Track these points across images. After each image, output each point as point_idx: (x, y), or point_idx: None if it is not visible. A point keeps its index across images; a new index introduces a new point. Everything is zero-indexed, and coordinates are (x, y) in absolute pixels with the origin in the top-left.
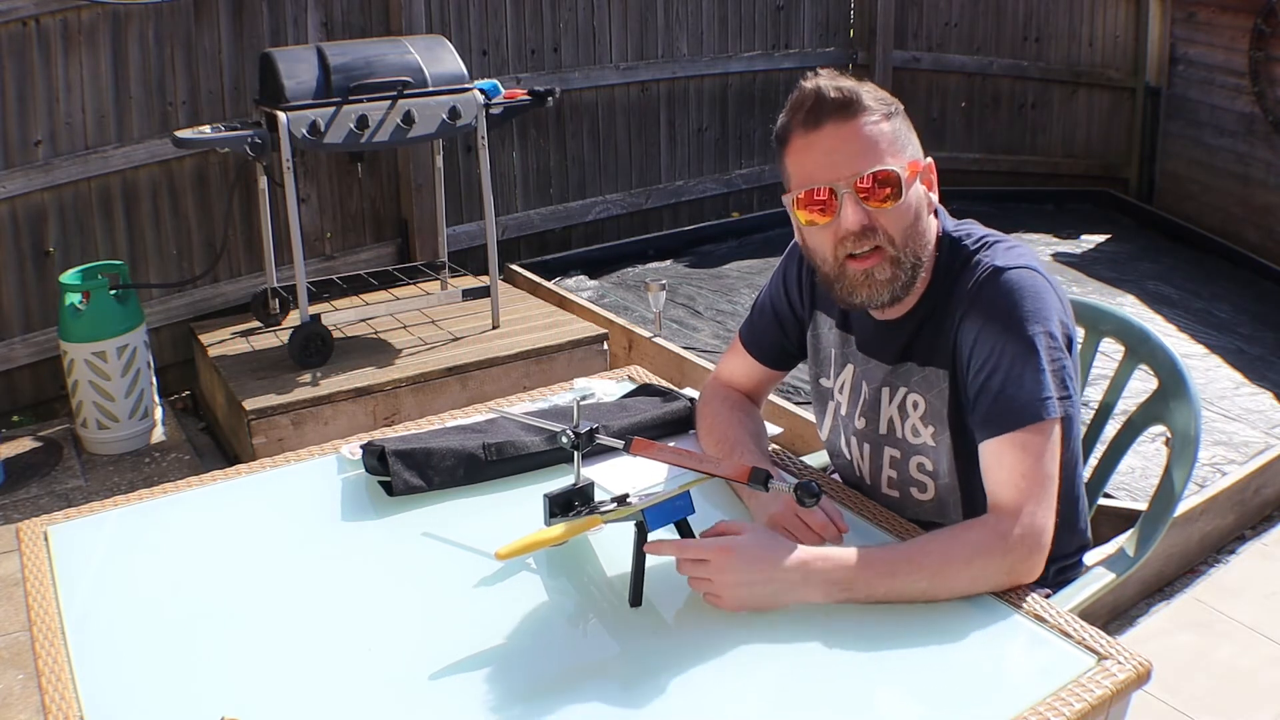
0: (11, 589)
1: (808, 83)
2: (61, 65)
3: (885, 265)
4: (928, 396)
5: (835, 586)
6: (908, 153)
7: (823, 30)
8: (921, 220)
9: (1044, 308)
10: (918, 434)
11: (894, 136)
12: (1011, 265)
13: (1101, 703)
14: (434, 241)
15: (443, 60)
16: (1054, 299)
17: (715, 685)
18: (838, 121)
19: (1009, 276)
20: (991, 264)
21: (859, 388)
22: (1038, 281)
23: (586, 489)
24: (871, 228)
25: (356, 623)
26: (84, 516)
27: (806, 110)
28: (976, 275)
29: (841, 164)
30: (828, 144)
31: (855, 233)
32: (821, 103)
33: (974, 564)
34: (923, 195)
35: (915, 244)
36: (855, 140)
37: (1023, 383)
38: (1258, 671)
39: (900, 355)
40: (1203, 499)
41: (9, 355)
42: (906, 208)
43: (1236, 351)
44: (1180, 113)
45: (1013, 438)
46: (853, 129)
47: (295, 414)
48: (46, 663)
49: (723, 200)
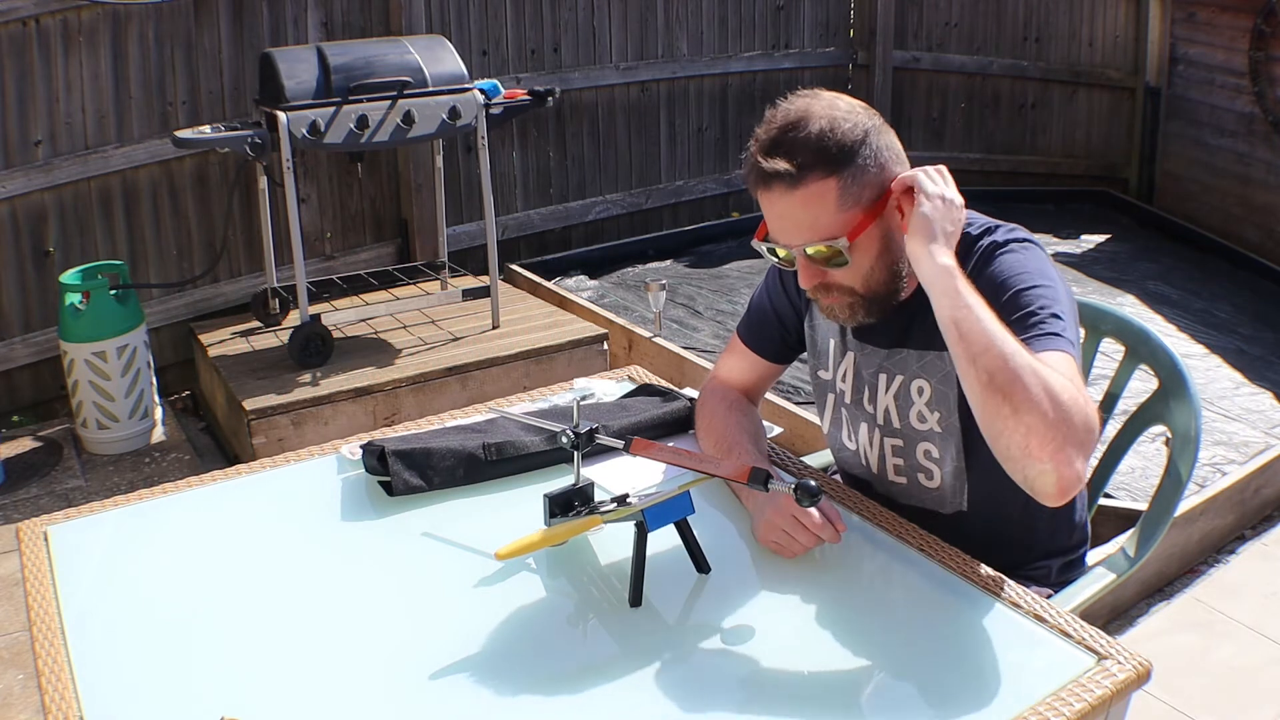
0: (11, 589)
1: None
2: (61, 65)
3: (844, 306)
4: (933, 381)
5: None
6: (864, 200)
7: (823, 30)
8: (891, 251)
9: (1049, 269)
10: (924, 420)
11: (843, 195)
12: (1011, 239)
13: (1101, 703)
14: (434, 241)
15: (443, 60)
16: (1054, 270)
17: (715, 685)
18: (782, 189)
19: (1012, 247)
20: (992, 240)
21: (860, 375)
22: (1039, 253)
23: (586, 489)
24: (825, 285)
25: (356, 623)
26: (84, 516)
27: (755, 170)
28: (979, 255)
29: (790, 231)
30: (778, 209)
31: (810, 288)
32: (762, 171)
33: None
34: (895, 225)
35: (880, 280)
36: (799, 212)
37: (1037, 323)
38: (1258, 671)
39: (896, 341)
40: (1203, 499)
41: (9, 355)
42: (861, 261)
43: (1236, 351)
44: (1180, 113)
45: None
46: (796, 200)
47: (295, 414)
48: (46, 663)
49: (723, 200)
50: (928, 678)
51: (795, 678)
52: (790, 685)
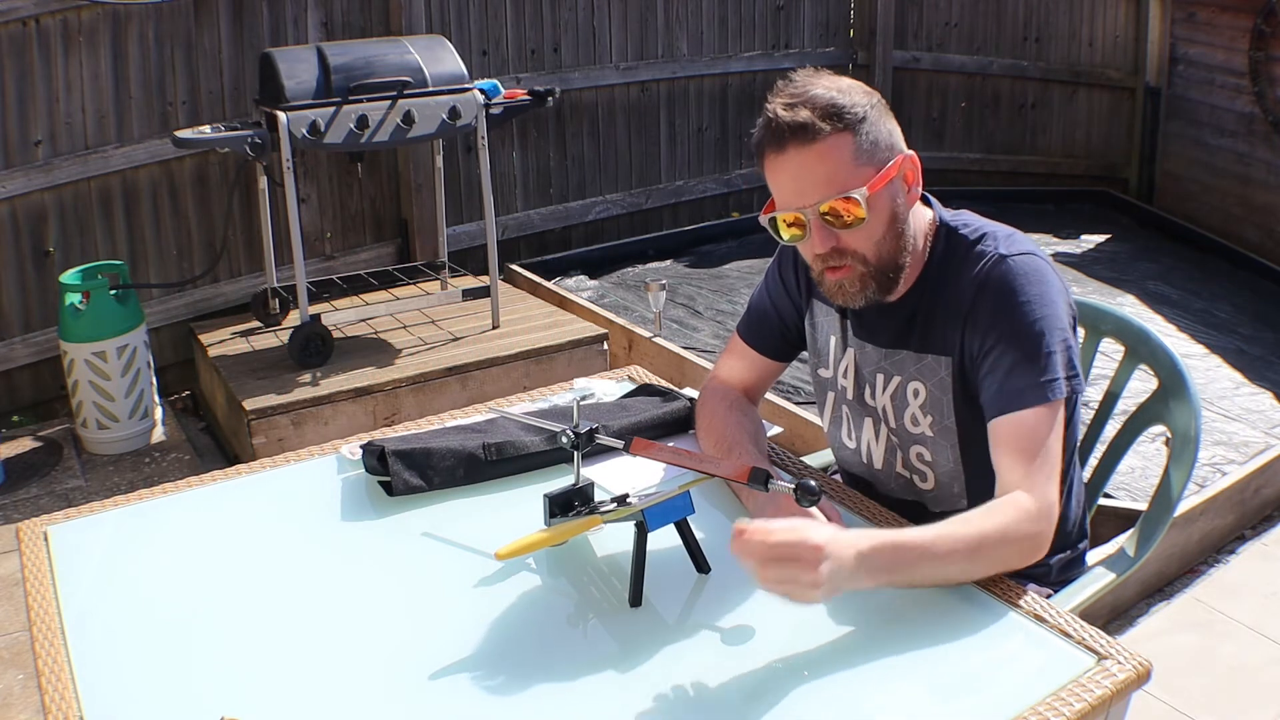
0: (11, 589)
1: (770, 102)
2: (61, 65)
3: (855, 278)
4: (928, 384)
5: (881, 571)
6: (877, 160)
7: (823, 30)
8: (899, 222)
9: (1049, 290)
10: (916, 423)
11: (859, 151)
12: (1015, 252)
13: (1101, 703)
14: (434, 241)
15: (443, 60)
16: (1057, 281)
17: (715, 685)
18: (798, 146)
19: (1014, 263)
20: (995, 252)
21: (861, 372)
22: (1041, 266)
23: (586, 489)
24: (839, 249)
25: (356, 623)
26: (84, 516)
27: (771, 131)
28: (981, 265)
29: (806, 190)
30: (792, 169)
31: (823, 254)
32: (780, 127)
33: (1006, 546)
34: (900, 194)
35: (890, 250)
36: (817, 166)
37: (1031, 364)
38: (1258, 671)
39: (894, 340)
40: (1203, 499)
41: (9, 355)
42: (875, 224)
43: (1236, 351)
44: (1180, 113)
45: (1022, 416)
46: (813, 154)
47: (295, 414)
48: (46, 663)
49: (723, 200)
50: (927, 677)
51: (795, 677)
52: (790, 685)
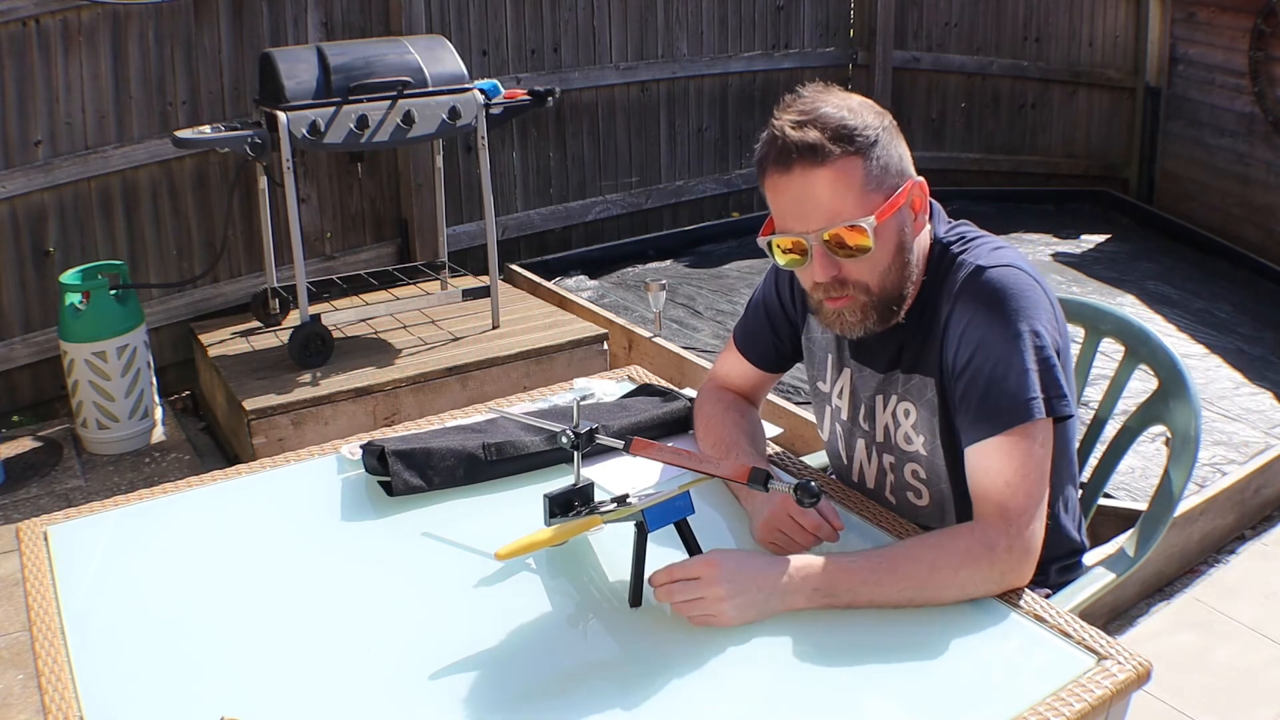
0: (11, 589)
1: (778, 119)
2: (61, 65)
3: (855, 309)
4: (917, 405)
5: (818, 593)
6: (886, 186)
7: (823, 30)
8: (905, 251)
9: (1028, 305)
10: (910, 441)
11: (868, 176)
12: (994, 264)
13: (1101, 703)
14: (434, 241)
15: (443, 60)
16: (1040, 296)
17: (714, 685)
18: (805, 167)
19: (991, 275)
20: (974, 263)
21: (856, 394)
22: (1021, 278)
23: (586, 489)
24: (841, 279)
25: (356, 623)
26: (84, 516)
27: (777, 149)
28: (958, 276)
29: (809, 215)
30: (797, 190)
31: (824, 283)
32: (787, 146)
33: (961, 572)
34: (908, 222)
35: (894, 281)
36: (824, 190)
37: (1007, 383)
38: (1258, 671)
39: (890, 363)
40: (1203, 499)
41: (9, 355)
42: (880, 254)
43: (1236, 351)
44: (1180, 113)
45: (998, 441)
46: (821, 178)
47: (295, 414)
48: (46, 663)
49: (723, 200)
50: (927, 677)
51: (795, 678)
52: (790, 685)
